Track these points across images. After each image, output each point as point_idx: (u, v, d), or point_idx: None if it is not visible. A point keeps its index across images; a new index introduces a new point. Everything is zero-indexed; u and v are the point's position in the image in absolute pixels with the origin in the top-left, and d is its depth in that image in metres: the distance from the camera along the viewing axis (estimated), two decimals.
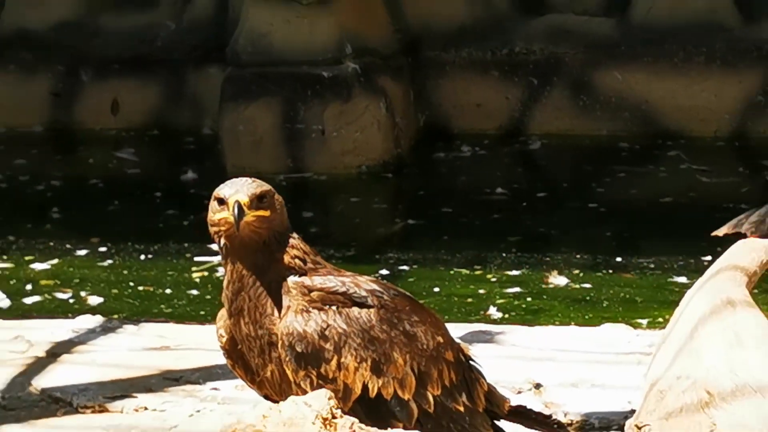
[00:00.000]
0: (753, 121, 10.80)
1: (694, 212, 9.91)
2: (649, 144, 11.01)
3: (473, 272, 9.05)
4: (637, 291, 8.64)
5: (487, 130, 11.28)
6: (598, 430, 5.40)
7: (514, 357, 5.99)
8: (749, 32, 11.04)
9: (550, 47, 11.22)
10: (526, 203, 10.52)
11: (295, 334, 4.55)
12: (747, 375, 4.10)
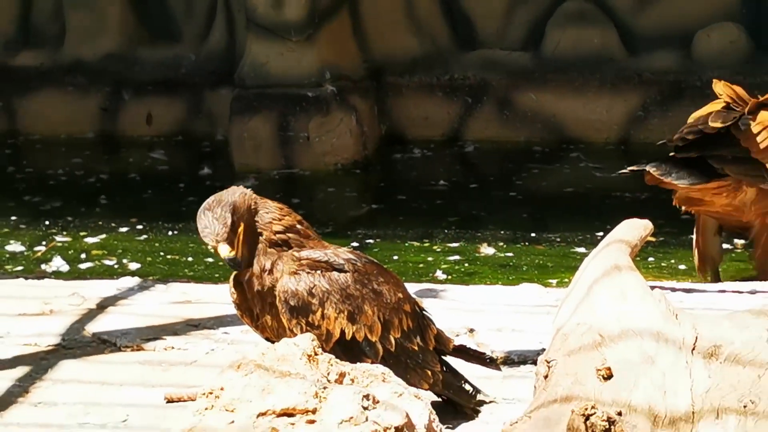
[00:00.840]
0: (635, 130, 10.82)
1: (590, 199, 9.94)
2: (556, 148, 11.01)
3: (423, 244, 9.04)
4: (548, 258, 8.64)
5: (433, 137, 11.27)
6: (517, 363, 5.39)
7: (454, 309, 5.98)
8: (632, 63, 11.04)
9: (481, 74, 11.20)
10: (462, 192, 10.52)
11: (289, 291, 4.58)
12: (629, 322, 4.11)
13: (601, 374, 3.89)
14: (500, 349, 5.49)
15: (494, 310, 6.01)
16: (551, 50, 11.20)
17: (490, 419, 4.90)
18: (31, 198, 10.47)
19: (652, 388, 3.85)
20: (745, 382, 3.86)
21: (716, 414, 3.79)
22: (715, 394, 3.83)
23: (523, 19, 11.45)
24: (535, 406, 3.96)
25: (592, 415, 3.65)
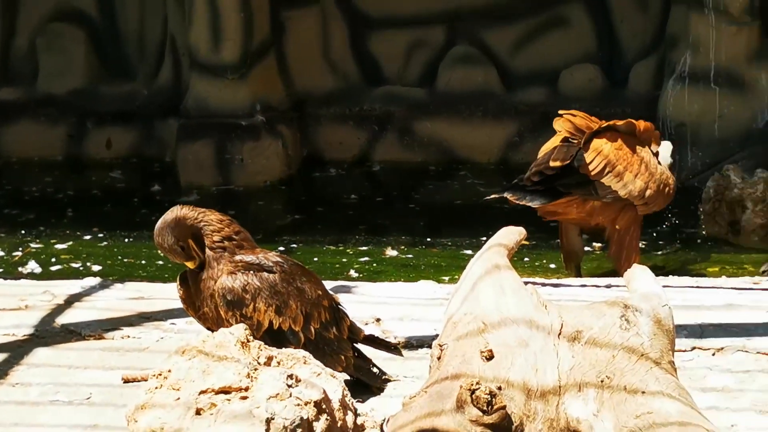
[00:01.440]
0: (512, 153, 10.88)
1: (475, 210, 9.93)
2: (447, 168, 11.04)
3: (338, 248, 9.04)
4: (441, 259, 8.67)
5: (346, 159, 11.26)
6: (416, 347, 5.39)
7: (364, 302, 5.96)
8: (509, 97, 11.11)
9: (385, 106, 11.21)
10: (370, 205, 10.52)
11: (227, 288, 4.56)
12: (507, 312, 4.12)
13: (484, 355, 3.90)
14: (402, 335, 5.49)
15: (397, 303, 6.01)
16: (443, 86, 11.24)
17: (393, 394, 4.90)
18: (9, 211, 10.36)
19: (526, 366, 3.87)
20: (602, 361, 3.89)
21: (578, 388, 3.81)
22: (577, 371, 3.86)
23: (419, 60, 11.48)
24: (430, 382, 3.97)
25: (477, 389, 3.66)
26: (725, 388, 4.89)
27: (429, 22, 11.42)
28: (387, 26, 11.50)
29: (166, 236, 4.57)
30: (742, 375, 5.01)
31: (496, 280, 4.29)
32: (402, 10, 11.42)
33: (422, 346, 5.34)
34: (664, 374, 3.89)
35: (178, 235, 4.57)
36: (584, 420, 3.72)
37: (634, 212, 7.18)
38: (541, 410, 3.76)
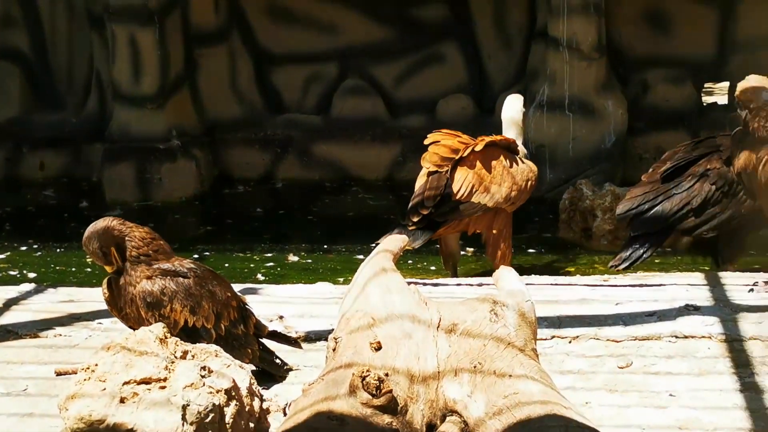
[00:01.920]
0: (396, 171, 10.91)
1: (365, 220, 9.99)
2: (341, 184, 11.05)
3: (246, 255, 8.98)
4: (337, 263, 8.65)
5: (252, 177, 11.22)
6: (314, 340, 5.37)
7: (269, 302, 5.93)
8: (394, 123, 11.16)
9: (287, 131, 11.20)
10: (274, 217, 10.49)
11: (147, 291, 4.52)
12: (393, 308, 4.12)
13: (373, 347, 3.90)
14: (302, 330, 5.47)
15: (298, 302, 5.99)
16: (336, 114, 11.26)
17: (294, 381, 4.89)
18: None
19: (409, 355, 3.87)
20: (475, 349, 3.90)
21: (455, 373, 3.82)
22: (453, 359, 3.87)
23: (315, 91, 11.49)
24: (326, 371, 3.95)
25: (367, 376, 3.65)
26: (580, 371, 4.94)
27: (324, 59, 11.43)
28: (287, 62, 11.49)
29: (93, 241, 4.62)
30: (594, 359, 5.07)
31: (383, 281, 4.30)
32: (300, 47, 11.42)
33: (320, 339, 5.33)
34: (527, 360, 3.92)
35: (103, 242, 4.62)
36: (460, 400, 3.74)
37: (504, 214, 7.21)
38: (423, 393, 3.76)
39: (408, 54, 11.36)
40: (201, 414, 3.85)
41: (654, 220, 6.98)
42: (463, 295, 5.65)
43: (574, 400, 4.29)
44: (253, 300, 5.43)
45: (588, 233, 8.75)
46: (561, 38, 10.05)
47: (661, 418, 4.45)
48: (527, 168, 7.25)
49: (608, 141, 10.14)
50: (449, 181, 6.97)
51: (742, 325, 5.30)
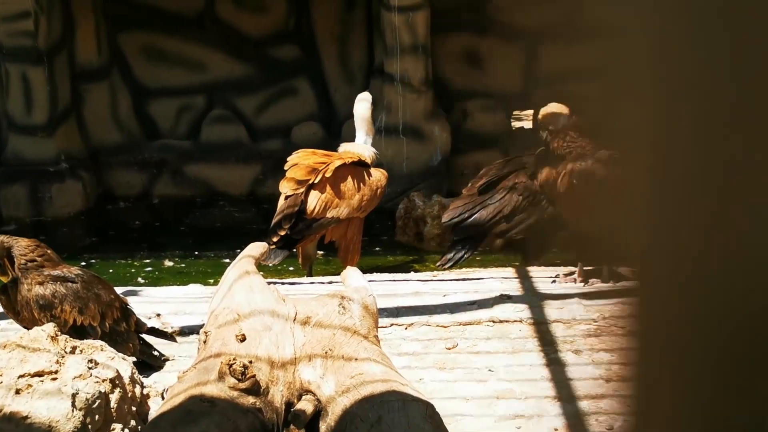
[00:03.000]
0: (257, 187, 10.84)
1: (232, 230, 9.90)
2: (210, 199, 10.92)
3: (128, 261, 8.82)
4: (207, 267, 8.56)
5: (132, 195, 11.01)
6: (188, 334, 5.30)
7: (148, 302, 5.83)
8: (255, 146, 11.10)
9: (161, 155, 11.03)
10: (152, 228, 10.30)
11: (40, 295, 4.38)
12: (255, 305, 4.09)
13: (238, 338, 3.86)
14: (177, 325, 5.39)
15: (173, 301, 5.90)
16: (205, 139, 11.13)
17: (171, 370, 4.81)
18: None
19: (270, 345, 3.85)
20: (326, 337, 3.90)
21: (309, 358, 3.81)
22: (308, 347, 3.86)
23: (186, 120, 11.34)
24: (198, 360, 3.90)
25: (233, 364, 3.62)
26: (415, 353, 4.99)
27: (193, 92, 11.31)
28: (161, 95, 11.32)
29: None
30: (426, 342, 5.12)
31: (246, 282, 4.27)
32: (172, 82, 11.27)
33: (192, 333, 5.26)
34: (371, 345, 3.94)
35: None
36: (314, 382, 3.73)
37: (356, 221, 7.23)
38: (282, 376, 3.74)
39: (266, 87, 11.31)
40: (89, 401, 3.76)
41: (473, 226, 7.09)
42: (316, 292, 5.65)
43: (410, 377, 4.32)
44: (134, 300, 5.33)
45: (420, 237, 8.84)
46: (395, 74, 10.13)
47: (482, 390, 4.51)
48: (376, 177, 7.29)
49: (436, 160, 10.27)
50: (304, 202, 6.97)
51: (547, 310, 5.43)
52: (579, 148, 6.06)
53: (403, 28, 9.98)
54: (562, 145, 6.05)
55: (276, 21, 11.20)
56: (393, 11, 9.94)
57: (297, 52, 11.27)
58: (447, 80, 11.07)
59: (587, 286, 6.00)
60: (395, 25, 9.95)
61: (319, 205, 6.96)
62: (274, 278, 7.07)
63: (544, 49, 11.11)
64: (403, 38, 10.01)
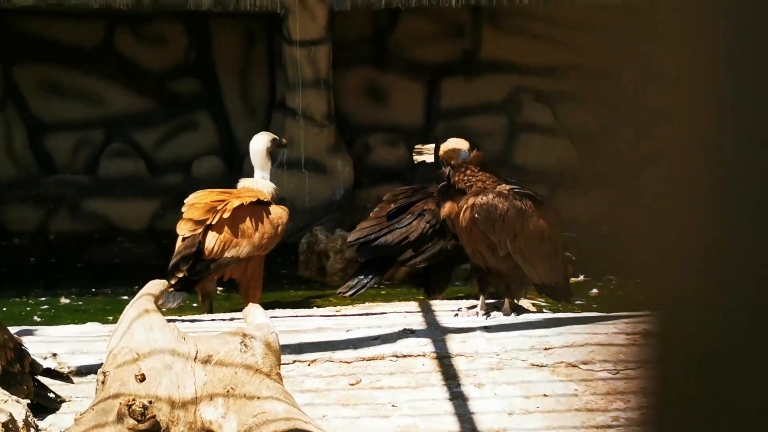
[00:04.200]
0: (157, 222, 10.73)
1: (131, 266, 9.74)
2: (108, 235, 10.72)
3: (22, 300, 8.62)
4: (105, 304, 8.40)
5: (28, 230, 10.77)
6: (86, 374, 5.18)
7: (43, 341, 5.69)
8: (155, 180, 10.97)
9: (58, 190, 10.83)
10: (47, 265, 10.04)
11: None
12: (155, 344, 4.03)
13: (138, 378, 3.80)
14: (74, 365, 5.27)
15: (70, 341, 5.77)
16: (103, 173, 10.96)
17: (67, 411, 4.69)
18: None
19: (170, 384, 3.79)
20: (228, 376, 3.86)
21: (210, 398, 3.77)
22: (209, 386, 3.82)
23: (84, 154, 11.17)
24: (96, 401, 3.82)
25: (133, 404, 3.56)
26: (318, 389, 4.96)
27: (91, 126, 11.14)
28: (58, 129, 11.12)
29: None
30: (329, 378, 5.10)
31: (146, 320, 4.20)
32: (70, 116, 11.09)
33: (90, 373, 5.14)
34: (273, 383, 3.91)
35: None
36: (215, 421, 3.68)
37: (257, 259, 7.18)
38: (183, 416, 3.69)
39: (166, 121, 11.21)
40: None
41: (378, 248, 7.10)
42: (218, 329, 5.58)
43: (314, 414, 4.30)
44: (29, 340, 5.19)
45: (323, 271, 8.84)
46: (297, 108, 10.15)
47: (386, 426, 4.51)
48: (277, 215, 7.25)
49: (338, 194, 10.29)
50: (202, 243, 6.90)
51: (450, 344, 5.46)
52: (480, 182, 6.14)
53: (305, 62, 10.01)
54: (464, 180, 6.13)
55: (176, 54, 11.13)
56: (295, 45, 9.96)
57: (197, 85, 11.21)
58: (349, 114, 11.13)
59: (489, 319, 6.06)
60: (297, 59, 9.98)
61: (218, 246, 6.90)
62: (175, 315, 6.96)
63: (445, 84, 11.27)
64: (305, 72, 10.03)
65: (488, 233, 6.00)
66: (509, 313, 6.14)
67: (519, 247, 6.04)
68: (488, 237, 6.02)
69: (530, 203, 6.12)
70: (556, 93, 11.27)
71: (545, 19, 11.09)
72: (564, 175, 10.95)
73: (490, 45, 11.22)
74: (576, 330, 5.50)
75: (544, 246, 6.13)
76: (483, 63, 11.26)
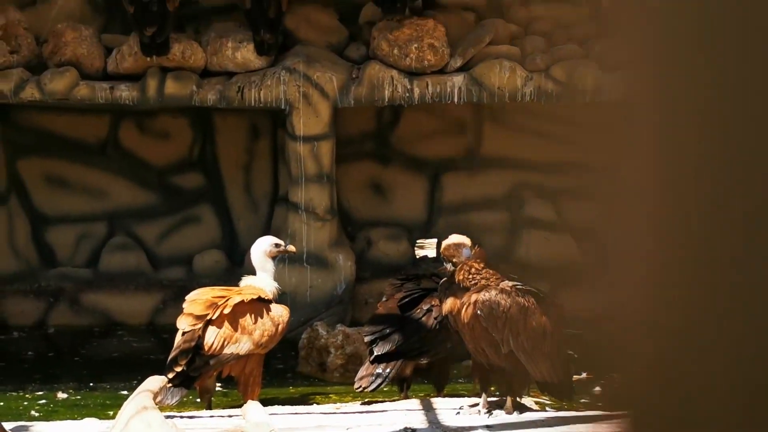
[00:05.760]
0: (158, 317, 10.71)
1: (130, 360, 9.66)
2: (109, 329, 10.61)
3: (19, 394, 8.54)
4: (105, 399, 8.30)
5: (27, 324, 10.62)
6: None
7: None
8: (157, 274, 10.94)
9: (59, 283, 10.79)
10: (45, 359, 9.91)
11: None
12: None
13: None
14: None
15: None
16: (105, 267, 10.96)
17: None
18: None
19: None
20: None
21: None
22: None
23: (86, 247, 11.18)
24: None
25: None
26: None
27: (93, 219, 11.18)
28: (60, 222, 11.17)
29: None
30: None
31: (144, 417, 4.17)
32: (72, 210, 11.15)
33: None
34: None
35: None
36: None
37: (256, 357, 7.13)
38: None
39: (168, 215, 11.26)
40: None
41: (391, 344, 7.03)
42: (216, 427, 5.52)
43: None
44: None
45: (323, 367, 8.77)
46: (300, 203, 10.18)
47: None
48: (278, 314, 7.22)
49: (340, 288, 10.26)
50: (201, 338, 6.86)
51: None
52: (483, 279, 6.13)
53: (308, 157, 10.09)
54: (467, 277, 6.12)
55: (180, 149, 11.23)
56: (298, 141, 10.05)
57: (201, 180, 11.28)
58: (351, 208, 11.18)
59: (492, 417, 5.98)
60: (300, 154, 10.06)
61: (218, 341, 6.85)
62: (173, 411, 6.88)
63: (446, 179, 11.34)
64: (308, 167, 10.10)
65: (491, 330, 5.97)
66: (512, 412, 6.07)
67: (522, 345, 6.00)
68: (491, 334, 5.98)
69: (533, 300, 6.10)
70: (558, 189, 11.34)
71: (546, 116, 11.21)
72: (566, 271, 10.93)
73: (492, 141, 11.33)
74: (579, 429, 5.42)
75: (546, 343, 6.09)
76: (485, 159, 11.35)
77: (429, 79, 10.03)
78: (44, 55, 10.11)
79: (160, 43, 9.66)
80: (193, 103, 9.99)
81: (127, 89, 9.89)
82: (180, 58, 9.88)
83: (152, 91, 9.88)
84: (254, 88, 9.91)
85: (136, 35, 9.77)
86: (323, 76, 9.98)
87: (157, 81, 9.89)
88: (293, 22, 10.62)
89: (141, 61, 9.85)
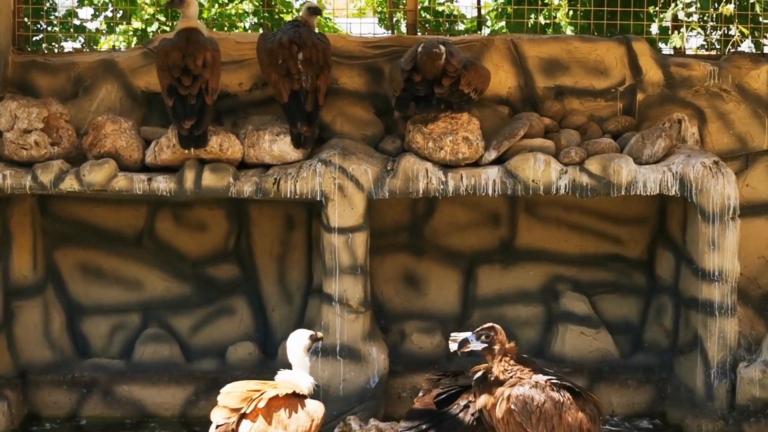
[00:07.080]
0: (190, 409, 10.70)
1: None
2: (140, 420, 10.63)
3: None
4: None
5: (60, 417, 10.65)
6: None
7: None
8: (189, 366, 10.91)
9: (93, 374, 10.81)
10: None
11: None
12: None
13: None
14: None
15: None
16: (138, 358, 10.99)
17: None
18: None
19: None
20: None
21: None
22: None
23: (120, 338, 11.24)
24: None
25: None
26: None
27: (128, 310, 11.27)
28: (95, 312, 11.25)
29: None
30: None
31: None
32: (107, 300, 11.24)
33: None
34: None
35: None
36: None
37: None
38: None
39: (202, 306, 11.32)
40: None
41: None
42: None
43: None
44: None
45: None
46: (333, 295, 10.22)
47: None
48: (313, 409, 7.23)
49: (372, 382, 10.23)
50: (235, 431, 6.87)
51: None
52: (517, 373, 6.11)
53: (343, 248, 10.15)
54: (502, 371, 6.10)
55: (215, 241, 11.34)
56: (333, 232, 10.13)
57: (235, 271, 11.37)
58: (385, 301, 11.20)
59: None
60: (335, 245, 10.12)
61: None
62: None
63: (481, 272, 11.35)
64: (343, 259, 10.16)
65: (525, 425, 5.94)
66: None
67: None
68: (525, 429, 5.94)
69: (568, 395, 6.06)
70: (593, 283, 11.30)
71: (581, 209, 11.25)
72: (602, 366, 10.83)
73: (526, 234, 11.36)
74: None
75: None
76: (519, 252, 11.37)
77: (463, 171, 10.12)
78: (84, 147, 10.31)
79: (198, 135, 9.85)
80: (230, 195, 10.13)
81: (165, 181, 10.04)
82: (218, 151, 10.05)
83: (189, 182, 10.03)
84: (290, 180, 10.04)
85: (174, 128, 9.96)
86: (358, 168, 10.10)
87: (195, 173, 10.05)
88: (329, 115, 10.80)
89: (179, 153, 10.03)
